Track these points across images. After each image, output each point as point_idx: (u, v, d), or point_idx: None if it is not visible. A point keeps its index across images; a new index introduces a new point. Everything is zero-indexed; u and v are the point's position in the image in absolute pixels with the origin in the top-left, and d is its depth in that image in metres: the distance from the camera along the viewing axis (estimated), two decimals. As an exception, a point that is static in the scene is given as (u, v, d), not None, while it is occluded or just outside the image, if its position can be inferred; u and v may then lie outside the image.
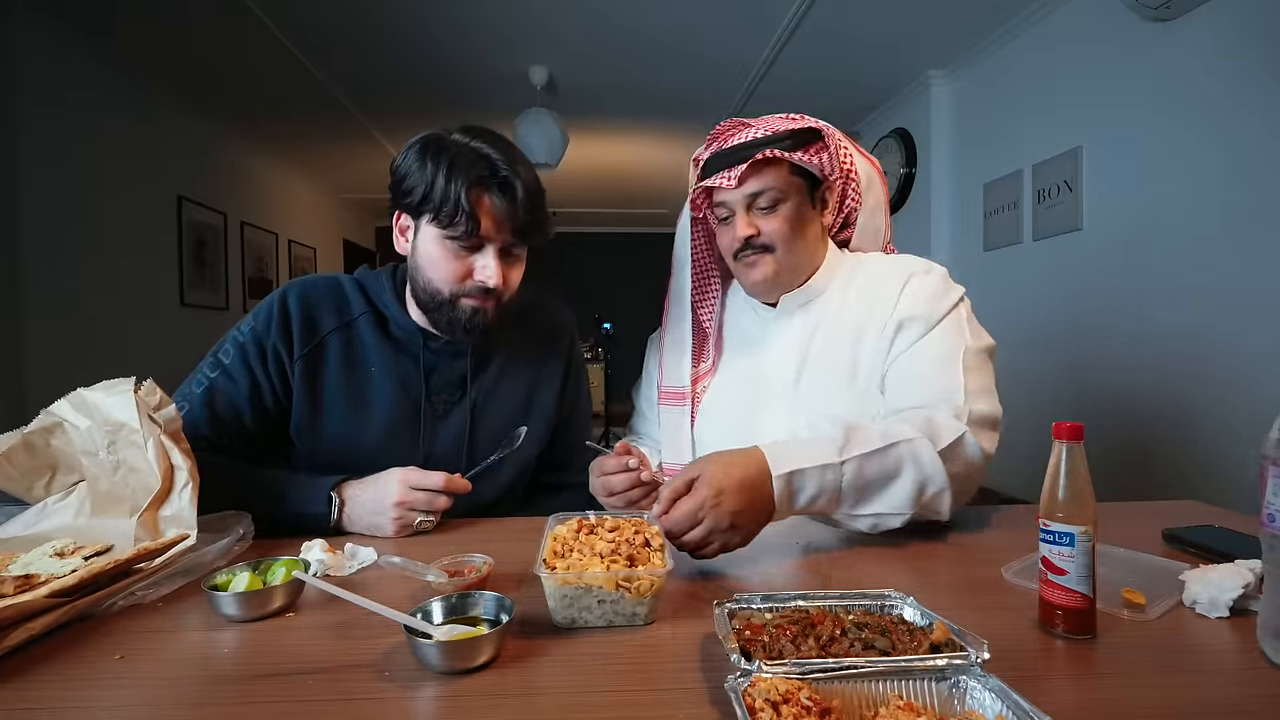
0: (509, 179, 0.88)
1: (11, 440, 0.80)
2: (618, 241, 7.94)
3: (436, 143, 0.90)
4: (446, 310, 0.93)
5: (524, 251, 0.97)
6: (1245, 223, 1.95)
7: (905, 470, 0.79)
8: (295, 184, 5.34)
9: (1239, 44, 1.95)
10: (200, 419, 0.92)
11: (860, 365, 0.97)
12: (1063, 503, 0.57)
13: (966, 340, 0.93)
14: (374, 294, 1.01)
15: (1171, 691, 0.49)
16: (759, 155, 0.94)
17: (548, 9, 2.78)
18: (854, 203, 1.06)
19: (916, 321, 0.94)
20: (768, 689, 0.42)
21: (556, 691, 0.50)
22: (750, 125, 0.99)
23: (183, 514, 0.74)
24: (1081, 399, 2.56)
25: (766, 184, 0.96)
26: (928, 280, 0.97)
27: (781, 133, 0.96)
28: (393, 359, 0.99)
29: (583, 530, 0.70)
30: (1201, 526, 0.84)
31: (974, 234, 3.24)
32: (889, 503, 0.79)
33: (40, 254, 2.72)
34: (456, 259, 0.90)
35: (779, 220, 0.97)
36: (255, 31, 2.88)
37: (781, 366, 1.02)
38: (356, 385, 0.97)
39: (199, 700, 0.49)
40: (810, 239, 1.02)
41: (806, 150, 0.98)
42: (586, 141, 4.55)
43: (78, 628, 0.60)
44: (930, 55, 3.26)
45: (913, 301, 0.95)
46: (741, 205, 0.98)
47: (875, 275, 1.02)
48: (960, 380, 0.89)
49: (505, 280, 0.93)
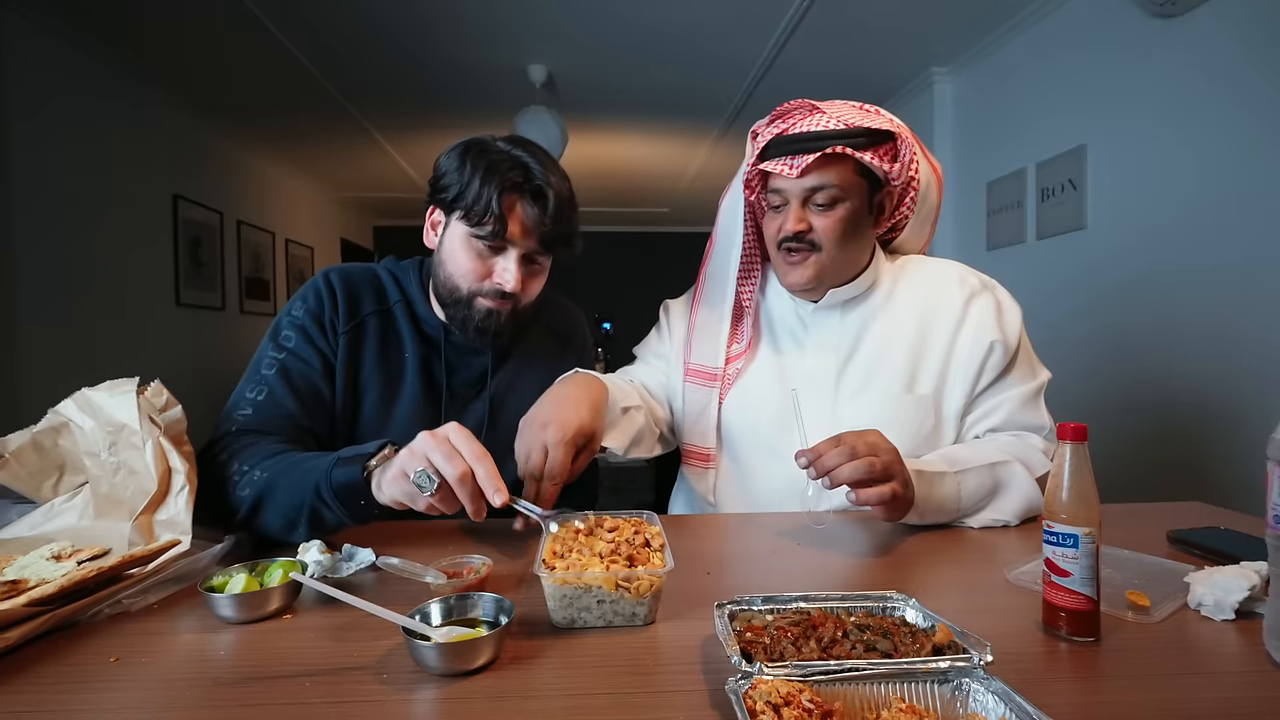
0: (542, 188, 0.90)
1: (21, 439, 0.80)
2: (618, 241, 7.94)
3: (479, 146, 0.93)
4: (463, 308, 0.95)
5: (547, 262, 0.98)
6: (1251, 220, 1.94)
7: (1010, 488, 0.89)
8: (292, 183, 5.34)
9: (1244, 40, 1.94)
10: (284, 397, 0.91)
11: (921, 373, 0.98)
12: (1066, 504, 0.56)
13: (1043, 373, 1.02)
14: (405, 286, 1.04)
15: (1176, 694, 0.48)
16: (829, 150, 0.89)
17: (547, 7, 2.77)
18: (909, 211, 1.02)
19: (1002, 346, 0.97)
20: (769, 691, 0.41)
21: (557, 694, 0.49)
22: (821, 110, 0.93)
23: (178, 518, 0.72)
24: (1086, 399, 2.55)
25: (828, 180, 0.92)
26: (995, 298, 1.00)
27: (856, 128, 0.90)
28: (421, 348, 1.01)
29: (582, 530, 0.69)
30: (1207, 528, 0.84)
31: (977, 233, 3.23)
32: (999, 510, 0.88)
33: (34, 252, 2.71)
34: (480, 258, 0.92)
35: (833, 220, 0.93)
36: (252, 29, 2.88)
37: (821, 364, 1.01)
38: (390, 369, 0.99)
39: (195, 703, 0.48)
40: (860, 243, 0.98)
41: (877, 151, 0.92)
42: (586, 140, 4.55)
43: (72, 629, 0.60)
44: (932, 53, 3.26)
45: (993, 322, 0.97)
46: (798, 197, 0.94)
47: (927, 283, 1.01)
48: (1045, 417, 1.00)
49: (523, 287, 0.94)
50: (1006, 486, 0.89)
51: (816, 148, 0.89)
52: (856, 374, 0.99)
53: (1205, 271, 2.08)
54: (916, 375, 0.98)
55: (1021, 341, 1.00)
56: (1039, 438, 0.98)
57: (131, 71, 3.24)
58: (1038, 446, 0.97)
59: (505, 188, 0.89)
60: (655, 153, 4.99)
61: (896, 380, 0.98)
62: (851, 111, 0.93)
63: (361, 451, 0.76)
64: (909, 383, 0.97)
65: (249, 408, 0.90)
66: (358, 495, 0.75)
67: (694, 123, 4.21)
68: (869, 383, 0.99)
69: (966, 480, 0.86)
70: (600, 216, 7.49)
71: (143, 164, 3.41)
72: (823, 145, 0.89)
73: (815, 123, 0.91)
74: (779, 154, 0.92)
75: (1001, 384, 0.99)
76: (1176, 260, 2.18)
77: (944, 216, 4.12)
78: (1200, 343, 2.10)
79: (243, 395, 0.92)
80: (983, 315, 0.98)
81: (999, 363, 0.97)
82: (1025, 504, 0.89)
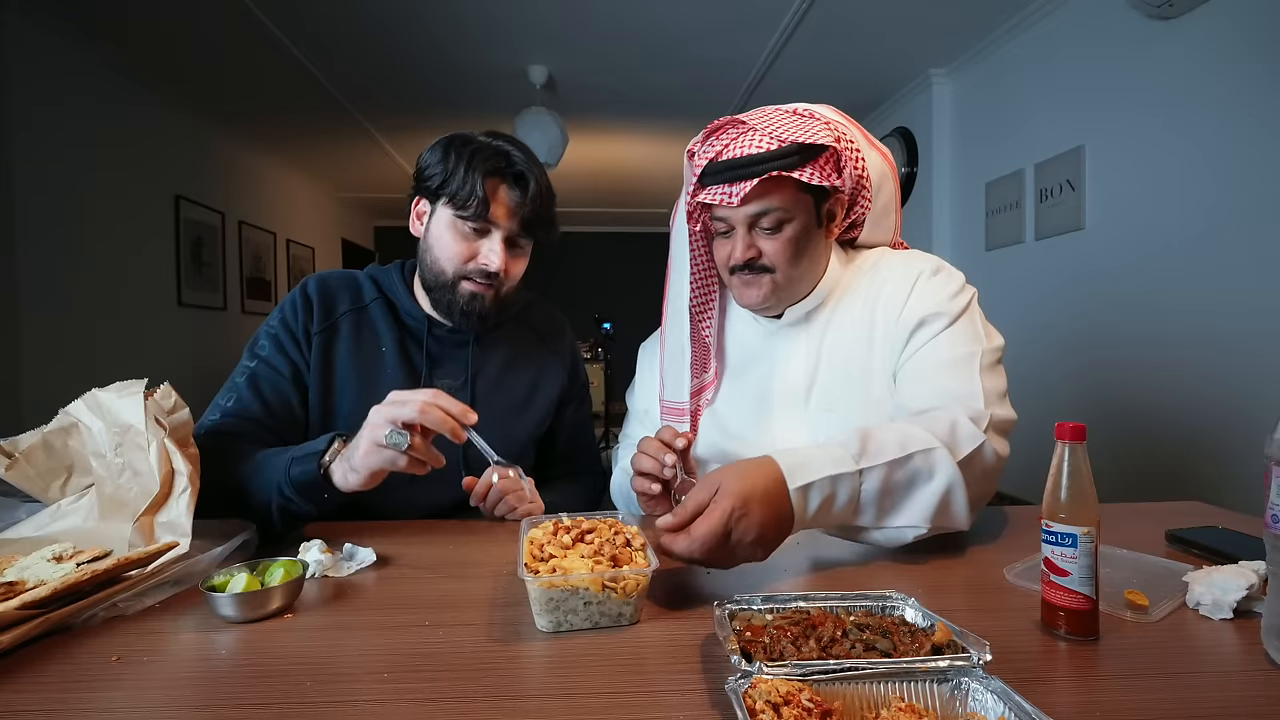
0: (523, 173, 0.96)
1: (32, 439, 0.80)
2: (618, 241, 7.95)
3: (462, 138, 0.98)
4: (448, 291, 0.99)
5: (529, 246, 1.03)
6: (1250, 222, 1.94)
7: (927, 480, 0.75)
8: (294, 183, 5.34)
9: (1242, 42, 1.95)
10: (251, 403, 0.96)
11: (874, 374, 0.93)
12: (1065, 503, 0.56)
13: (982, 342, 0.89)
14: (385, 284, 1.08)
15: (1174, 693, 0.49)
16: (766, 175, 0.85)
17: (548, 8, 2.78)
18: (864, 209, 0.99)
19: (933, 319, 0.90)
20: (768, 690, 0.42)
21: (557, 694, 0.49)
22: (751, 128, 0.87)
23: (178, 521, 0.72)
24: (1084, 399, 2.55)
25: (771, 204, 0.88)
26: (937, 280, 0.93)
27: (790, 146, 0.85)
28: (401, 342, 1.04)
29: (559, 532, 0.68)
30: (1205, 528, 0.84)
31: (976, 233, 3.23)
32: (909, 515, 0.75)
33: (37, 253, 2.72)
34: (465, 240, 0.97)
35: (782, 242, 0.90)
36: (254, 30, 2.88)
37: (790, 381, 0.98)
38: (367, 364, 1.02)
39: (197, 701, 0.48)
40: (814, 256, 0.95)
41: (816, 163, 0.88)
42: (586, 141, 4.55)
43: (71, 630, 0.60)
44: (931, 54, 3.26)
45: (924, 301, 0.91)
46: (743, 224, 0.90)
47: (882, 277, 0.97)
48: (979, 385, 0.85)
49: (506, 268, 0.98)
50: (919, 484, 0.76)
51: (753, 173, 0.85)
52: (822, 386, 0.96)
53: (1203, 271, 2.09)
54: (871, 377, 0.93)
55: (964, 315, 0.91)
56: (961, 406, 0.83)
57: (134, 73, 3.24)
58: (955, 419, 0.81)
59: (489, 172, 0.94)
60: (655, 153, 5.00)
61: (857, 386, 0.94)
62: (784, 122, 0.87)
63: (313, 450, 0.81)
64: (866, 387, 0.93)
65: (217, 413, 0.96)
66: (319, 489, 0.80)
67: (694, 123, 4.21)
68: (835, 392, 0.95)
69: (868, 480, 0.74)
70: (600, 217, 7.50)
71: (145, 164, 3.42)
72: (758, 171, 0.85)
73: (748, 143, 0.86)
74: (716, 181, 0.88)
75: (928, 347, 0.90)
76: (1174, 260, 2.19)
77: (943, 216, 4.09)
78: (1198, 342, 2.10)
79: (215, 405, 0.97)
80: (926, 296, 0.92)
81: (929, 334, 0.90)
82: (939, 497, 0.75)
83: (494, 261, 0.96)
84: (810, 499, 0.70)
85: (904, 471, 0.74)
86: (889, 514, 0.76)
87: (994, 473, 0.82)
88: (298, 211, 5.41)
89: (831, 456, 0.73)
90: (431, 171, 0.97)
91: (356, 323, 1.04)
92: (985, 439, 0.79)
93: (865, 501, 0.74)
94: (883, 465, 0.73)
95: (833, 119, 0.92)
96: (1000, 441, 0.83)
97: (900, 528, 0.76)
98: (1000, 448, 0.83)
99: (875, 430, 0.77)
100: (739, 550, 0.67)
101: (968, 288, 0.94)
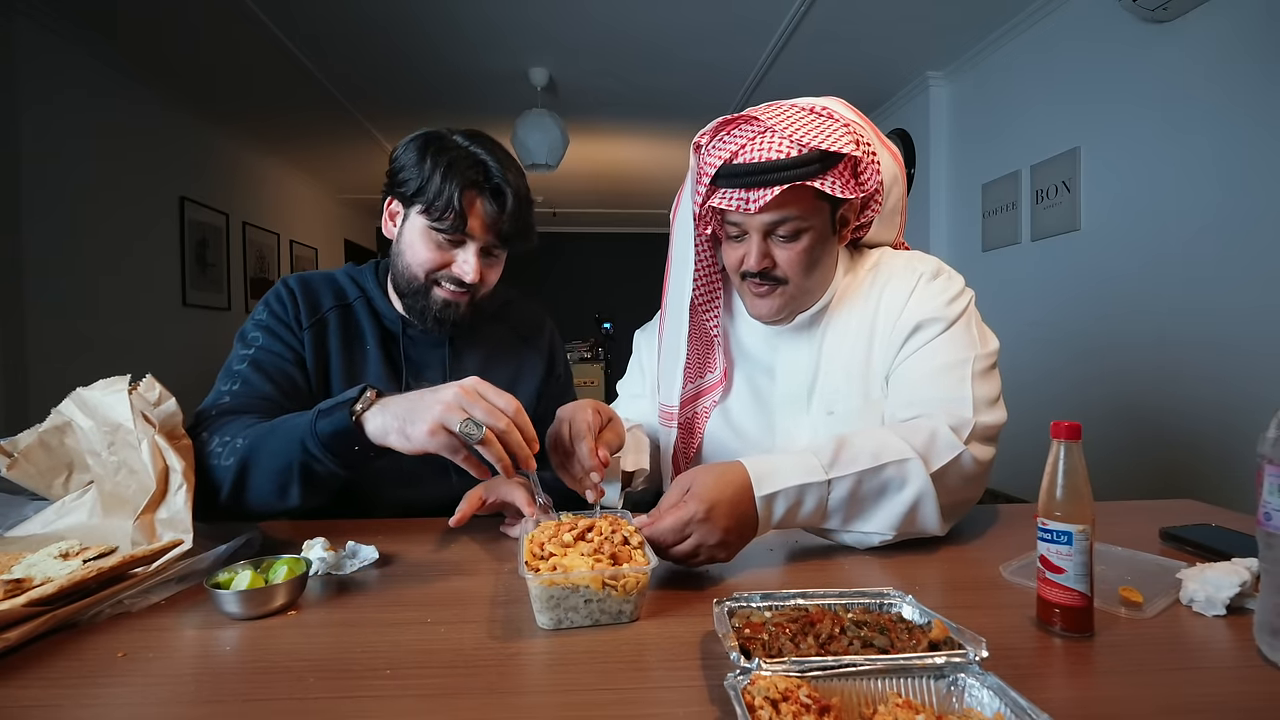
0: (501, 186, 0.93)
1: (29, 439, 0.81)
2: (617, 241, 7.95)
3: (438, 141, 0.94)
4: (420, 297, 0.97)
5: (504, 254, 1.01)
6: (1244, 223, 1.95)
7: (898, 490, 0.76)
8: (297, 184, 5.35)
9: (1236, 45, 1.96)
10: (261, 383, 0.92)
11: (873, 376, 0.93)
12: (1060, 501, 0.57)
13: (977, 348, 0.88)
14: (362, 283, 1.07)
15: (1169, 689, 0.49)
16: (789, 184, 0.81)
17: (548, 11, 2.79)
18: (875, 212, 0.97)
19: (929, 324, 0.89)
20: (767, 687, 0.42)
21: (557, 690, 0.50)
22: (769, 128, 0.83)
23: (178, 517, 0.72)
24: (1079, 398, 2.56)
25: (790, 213, 0.85)
26: (936, 284, 0.92)
27: (811, 154, 0.82)
28: (383, 341, 1.03)
29: (560, 531, 0.69)
30: (1199, 525, 0.84)
31: (972, 234, 3.24)
32: (876, 523, 0.77)
33: (42, 254, 2.73)
34: (439, 250, 0.94)
35: (797, 253, 0.88)
36: (257, 32, 2.89)
37: (792, 384, 0.97)
38: (354, 361, 1.01)
39: (201, 697, 0.49)
40: (826, 265, 0.94)
41: (835, 170, 0.84)
42: (587, 142, 4.56)
43: (76, 627, 0.60)
44: (928, 56, 3.27)
45: (922, 305, 0.90)
46: (759, 231, 0.87)
47: (883, 280, 0.96)
48: (968, 391, 0.84)
49: (482, 277, 0.96)
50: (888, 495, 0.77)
51: (772, 180, 0.81)
52: (825, 389, 0.95)
53: (1198, 272, 2.09)
54: (869, 383, 0.93)
55: (960, 319, 0.90)
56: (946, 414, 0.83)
57: (139, 76, 3.26)
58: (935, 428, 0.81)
59: (466, 185, 0.90)
60: (655, 154, 5.01)
61: (858, 391, 0.93)
62: (803, 123, 0.84)
63: (344, 399, 0.75)
64: (865, 392, 0.93)
65: (226, 397, 0.90)
66: (350, 441, 0.74)
67: (693, 125, 4.19)
68: (838, 396, 0.95)
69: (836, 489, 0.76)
70: (600, 217, 7.50)
71: (150, 166, 3.44)
72: (779, 179, 0.81)
73: (766, 147, 0.82)
74: (731, 185, 0.84)
75: (921, 353, 0.90)
76: (1169, 261, 2.19)
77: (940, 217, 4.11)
78: (1192, 342, 2.11)
79: (218, 391, 0.92)
80: (925, 301, 0.91)
81: (924, 339, 0.90)
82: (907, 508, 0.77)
83: (469, 273, 0.94)
84: (775, 507, 0.73)
85: (875, 481, 0.76)
86: (855, 520, 0.78)
87: (977, 479, 0.83)
88: (301, 213, 5.42)
89: (802, 465, 0.75)
90: (406, 175, 0.92)
91: (344, 319, 1.02)
92: (965, 449, 0.80)
93: (832, 509, 0.76)
94: (853, 475, 0.75)
95: (851, 119, 0.89)
96: (983, 448, 0.83)
97: (867, 533, 0.78)
98: (983, 454, 0.83)
99: (852, 438, 0.79)
100: (702, 550, 0.70)
101: (966, 291, 0.94)
